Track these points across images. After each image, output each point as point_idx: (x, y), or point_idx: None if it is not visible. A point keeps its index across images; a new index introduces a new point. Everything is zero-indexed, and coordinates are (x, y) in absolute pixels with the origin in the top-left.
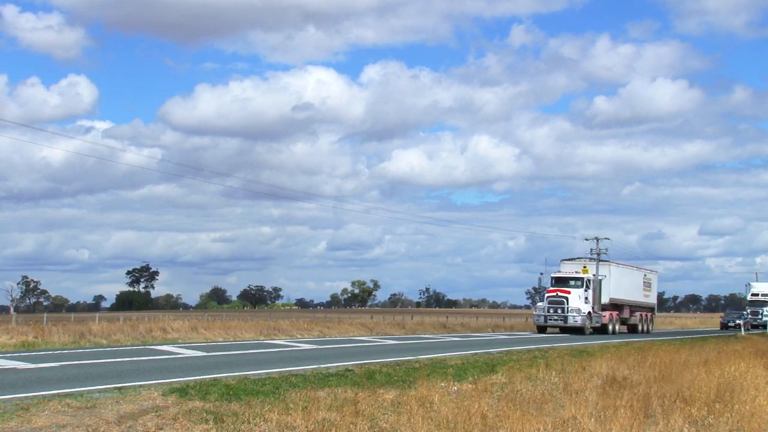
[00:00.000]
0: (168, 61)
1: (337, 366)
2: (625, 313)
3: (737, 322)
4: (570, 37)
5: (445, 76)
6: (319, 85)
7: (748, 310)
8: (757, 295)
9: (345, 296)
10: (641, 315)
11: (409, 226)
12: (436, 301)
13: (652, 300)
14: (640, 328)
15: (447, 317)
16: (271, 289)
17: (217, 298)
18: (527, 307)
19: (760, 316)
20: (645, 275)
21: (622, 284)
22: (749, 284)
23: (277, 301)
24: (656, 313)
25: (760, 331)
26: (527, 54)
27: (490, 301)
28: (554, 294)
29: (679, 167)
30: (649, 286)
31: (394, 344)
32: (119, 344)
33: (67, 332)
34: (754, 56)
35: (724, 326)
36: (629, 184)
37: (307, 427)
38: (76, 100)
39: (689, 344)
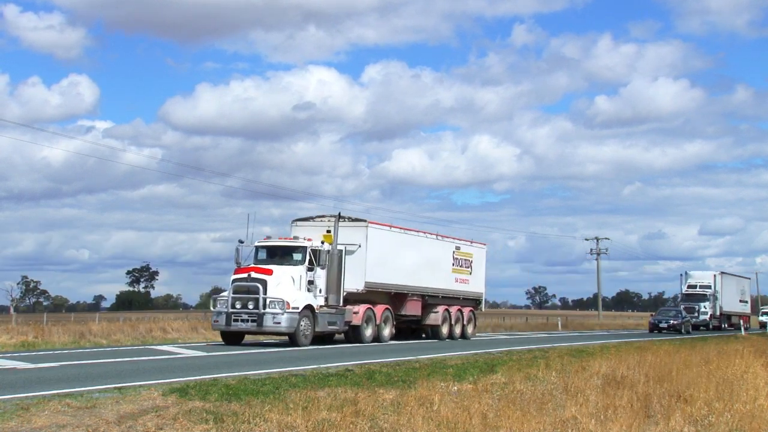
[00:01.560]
0: (169, 61)
1: (337, 366)
2: (411, 308)
3: (672, 322)
4: (572, 37)
5: (446, 76)
6: (320, 85)
7: (683, 306)
8: (695, 287)
9: None
10: (450, 312)
11: (410, 226)
12: None
13: (474, 288)
14: (445, 332)
15: None
16: None
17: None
18: (527, 307)
19: (697, 314)
20: (457, 248)
21: (400, 259)
22: (686, 273)
23: None
24: (482, 309)
25: (760, 331)
26: (529, 54)
27: (490, 301)
28: (243, 277)
29: (679, 167)
30: (467, 266)
31: (394, 344)
32: (119, 344)
33: (67, 332)
34: (756, 56)
35: (655, 327)
36: (630, 184)
37: (307, 427)
38: (77, 100)
39: (689, 344)
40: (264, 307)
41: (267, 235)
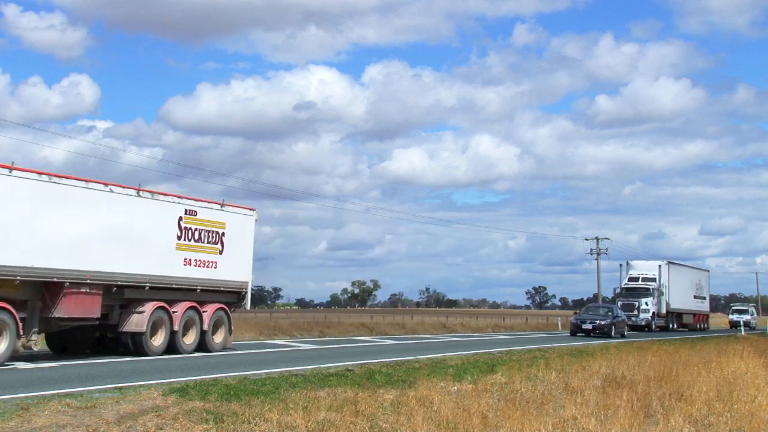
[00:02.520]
0: (169, 61)
1: (337, 366)
2: (77, 306)
3: (599, 322)
4: (573, 37)
5: (447, 76)
6: (321, 85)
7: (620, 303)
8: (637, 279)
9: (345, 296)
10: (173, 312)
11: (410, 225)
12: (436, 301)
13: (228, 275)
14: (158, 343)
15: (447, 317)
16: (271, 289)
17: None
18: (527, 307)
19: (637, 312)
20: (188, 213)
21: (50, 225)
22: (627, 264)
23: (277, 301)
24: (247, 306)
25: (759, 331)
26: (530, 53)
27: (490, 301)
28: None
29: (680, 167)
30: (215, 242)
31: (394, 344)
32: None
33: None
34: (757, 56)
35: (577, 329)
36: (630, 183)
37: (307, 427)
38: (78, 100)
39: (689, 344)
40: None
41: None
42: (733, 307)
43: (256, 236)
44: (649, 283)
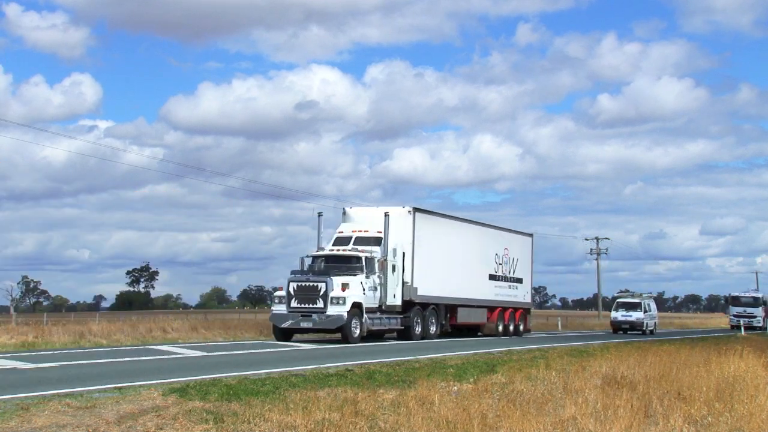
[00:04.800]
0: (171, 61)
1: (337, 366)
2: None
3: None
4: (576, 36)
5: (449, 76)
6: (323, 85)
7: (293, 288)
8: (348, 241)
9: None
10: None
11: None
12: None
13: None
14: None
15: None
16: (271, 289)
17: (216, 298)
18: None
19: (323, 305)
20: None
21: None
22: (343, 213)
23: None
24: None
25: (759, 332)
26: (533, 53)
27: None
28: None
29: (681, 167)
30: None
31: (395, 344)
32: (119, 344)
33: (67, 332)
34: (761, 56)
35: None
36: (631, 183)
37: (307, 426)
38: (80, 99)
39: (689, 344)
40: None
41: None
42: (619, 300)
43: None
44: (366, 248)
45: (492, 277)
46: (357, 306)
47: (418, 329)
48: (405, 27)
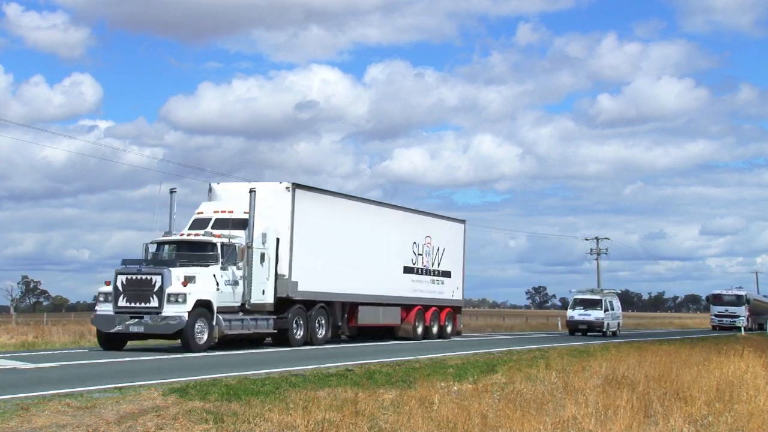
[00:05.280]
0: (171, 61)
1: (337, 366)
2: None
3: None
4: (576, 36)
5: (449, 76)
6: (323, 85)
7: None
8: (206, 222)
9: None
10: None
11: None
12: None
13: None
14: None
15: None
16: None
17: None
18: (527, 307)
19: (159, 303)
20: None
21: None
22: (209, 189)
23: None
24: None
25: (758, 332)
26: (533, 53)
27: (490, 301)
28: None
29: (681, 167)
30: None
31: (394, 344)
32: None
33: (67, 332)
34: (761, 55)
35: None
36: (631, 183)
37: (307, 426)
38: (80, 99)
39: (689, 344)
40: None
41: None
42: (576, 296)
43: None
44: (227, 232)
45: (408, 270)
46: (204, 305)
47: (299, 333)
48: (405, 27)
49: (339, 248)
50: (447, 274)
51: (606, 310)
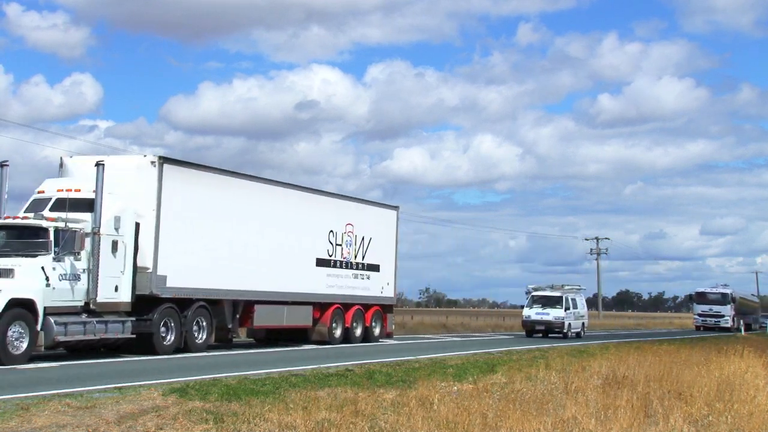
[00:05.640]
0: (171, 60)
1: (337, 366)
2: None
3: None
4: (577, 36)
5: (449, 76)
6: (324, 85)
7: None
8: (46, 204)
9: None
10: None
11: (410, 225)
12: (436, 301)
13: None
14: None
15: (447, 317)
16: None
17: None
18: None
19: None
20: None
21: None
22: (61, 164)
23: None
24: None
25: (759, 332)
26: (533, 53)
27: (491, 301)
28: None
29: (681, 167)
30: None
31: (394, 344)
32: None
33: None
34: (761, 55)
35: None
36: (631, 183)
37: (307, 427)
38: (80, 99)
39: (689, 344)
40: None
41: None
42: (534, 295)
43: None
44: (65, 215)
45: (323, 263)
46: (23, 304)
47: (169, 338)
48: (405, 27)
49: (227, 237)
50: (374, 267)
51: (567, 309)
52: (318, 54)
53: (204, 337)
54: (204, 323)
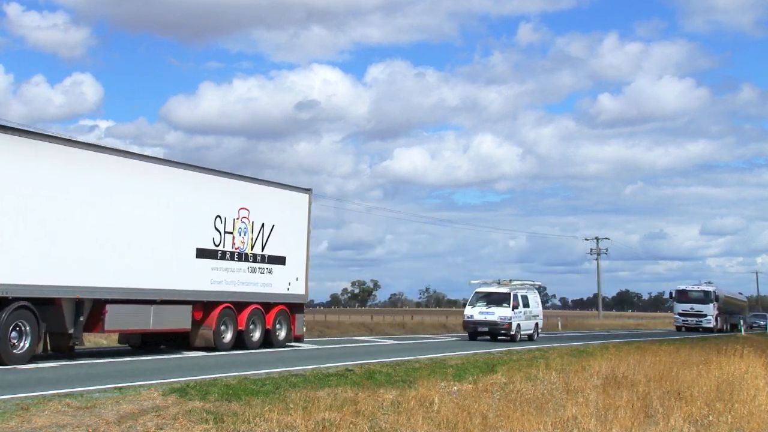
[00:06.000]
0: (172, 60)
1: (337, 366)
2: None
3: None
4: (577, 36)
5: (450, 75)
6: (324, 84)
7: None
8: None
9: (345, 296)
10: None
11: (411, 225)
12: (436, 301)
13: None
14: None
15: (447, 317)
16: None
17: None
18: None
19: None
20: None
21: None
22: None
23: None
24: None
25: (759, 331)
26: (534, 53)
27: None
28: None
29: (681, 167)
30: None
31: (394, 344)
32: (119, 344)
33: None
34: (762, 55)
35: None
36: (632, 183)
37: (307, 426)
38: (81, 99)
39: (689, 344)
40: None
41: None
42: (477, 291)
43: None
44: None
45: (206, 254)
46: None
47: None
48: (406, 27)
49: (68, 221)
50: (278, 260)
51: (516, 308)
52: (318, 54)
53: (26, 345)
54: (27, 329)
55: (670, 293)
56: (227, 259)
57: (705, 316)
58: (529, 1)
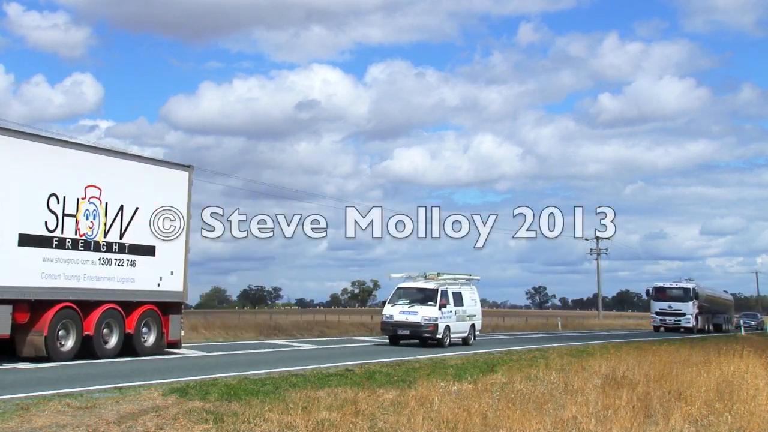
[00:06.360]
0: (172, 60)
1: (337, 366)
2: None
3: None
4: (578, 36)
5: (450, 75)
6: (324, 84)
7: None
8: None
9: (345, 296)
10: None
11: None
12: None
13: None
14: None
15: None
16: (271, 289)
17: (216, 297)
18: (527, 307)
19: None
20: None
21: None
22: None
23: (277, 301)
24: None
25: (759, 331)
26: (534, 52)
27: (490, 301)
28: None
29: (681, 167)
30: None
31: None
32: None
33: None
34: (762, 56)
35: None
36: (632, 183)
37: (307, 427)
38: (81, 99)
39: (689, 344)
40: None
41: None
42: (399, 287)
43: None
44: None
45: (35, 241)
46: None
47: None
48: (406, 27)
49: None
50: (144, 249)
51: (444, 307)
52: (318, 54)
53: None
54: None
55: (647, 291)
56: (67, 248)
57: (684, 315)
58: (530, 1)
